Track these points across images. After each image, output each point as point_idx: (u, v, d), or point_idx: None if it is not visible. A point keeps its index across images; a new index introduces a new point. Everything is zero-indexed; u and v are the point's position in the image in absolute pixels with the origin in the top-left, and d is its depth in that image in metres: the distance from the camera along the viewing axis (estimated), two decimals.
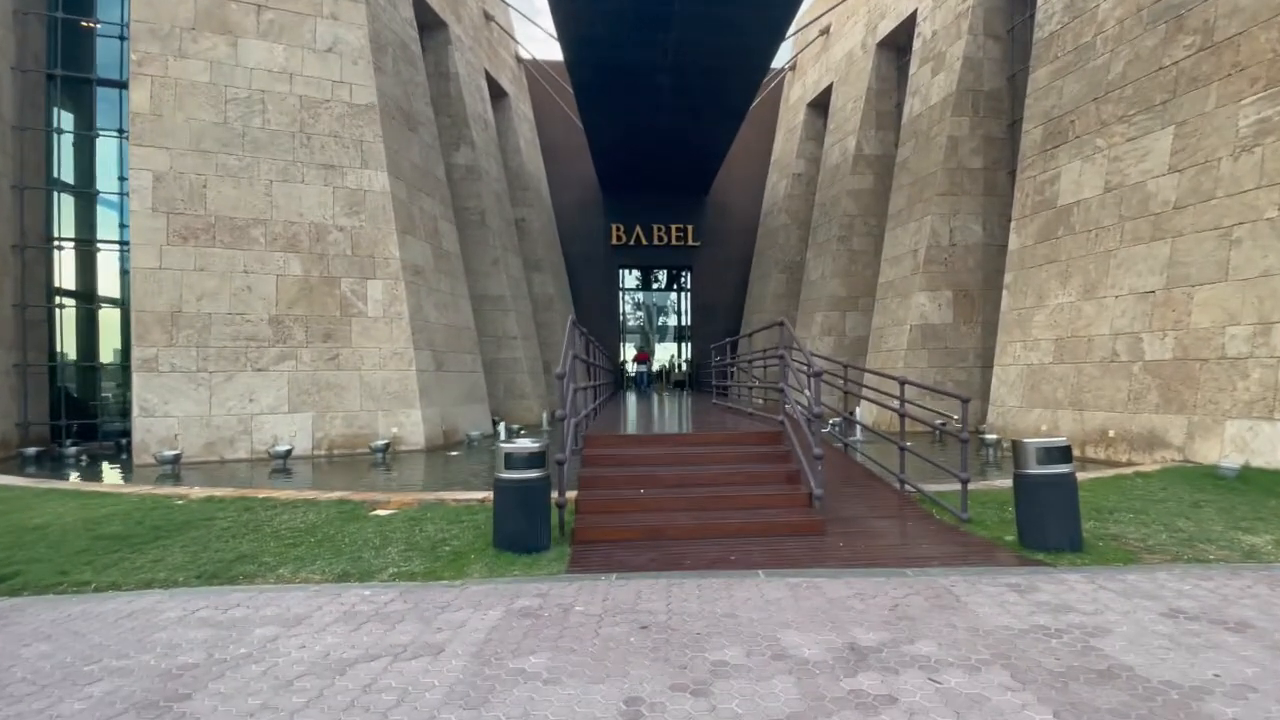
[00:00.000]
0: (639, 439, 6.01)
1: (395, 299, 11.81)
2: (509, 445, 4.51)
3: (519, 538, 4.44)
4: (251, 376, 10.79)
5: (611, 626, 3.26)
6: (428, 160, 14.10)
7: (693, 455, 5.82)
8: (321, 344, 11.26)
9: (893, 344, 14.35)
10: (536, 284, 20.50)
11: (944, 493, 6.40)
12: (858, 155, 17.73)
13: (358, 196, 11.86)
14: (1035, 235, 11.16)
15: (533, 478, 4.48)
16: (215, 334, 10.70)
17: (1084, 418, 9.56)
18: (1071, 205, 10.51)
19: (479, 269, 16.62)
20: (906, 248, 14.64)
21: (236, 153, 11.23)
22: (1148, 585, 3.75)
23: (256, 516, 5.71)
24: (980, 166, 14.06)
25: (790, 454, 5.84)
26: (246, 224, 11.12)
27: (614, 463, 5.71)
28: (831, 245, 17.99)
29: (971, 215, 14.00)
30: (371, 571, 4.29)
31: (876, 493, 6.31)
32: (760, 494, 5.28)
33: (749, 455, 5.84)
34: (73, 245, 13.56)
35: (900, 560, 4.30)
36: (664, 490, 5.36)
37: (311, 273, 11.39)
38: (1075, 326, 9.99)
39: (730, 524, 4.88)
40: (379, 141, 12.11)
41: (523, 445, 4.54)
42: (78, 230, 13.64)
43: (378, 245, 11.87)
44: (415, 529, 5.22)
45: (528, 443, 4.58)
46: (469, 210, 16.64)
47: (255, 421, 10.71)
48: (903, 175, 15.39)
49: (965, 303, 13.93)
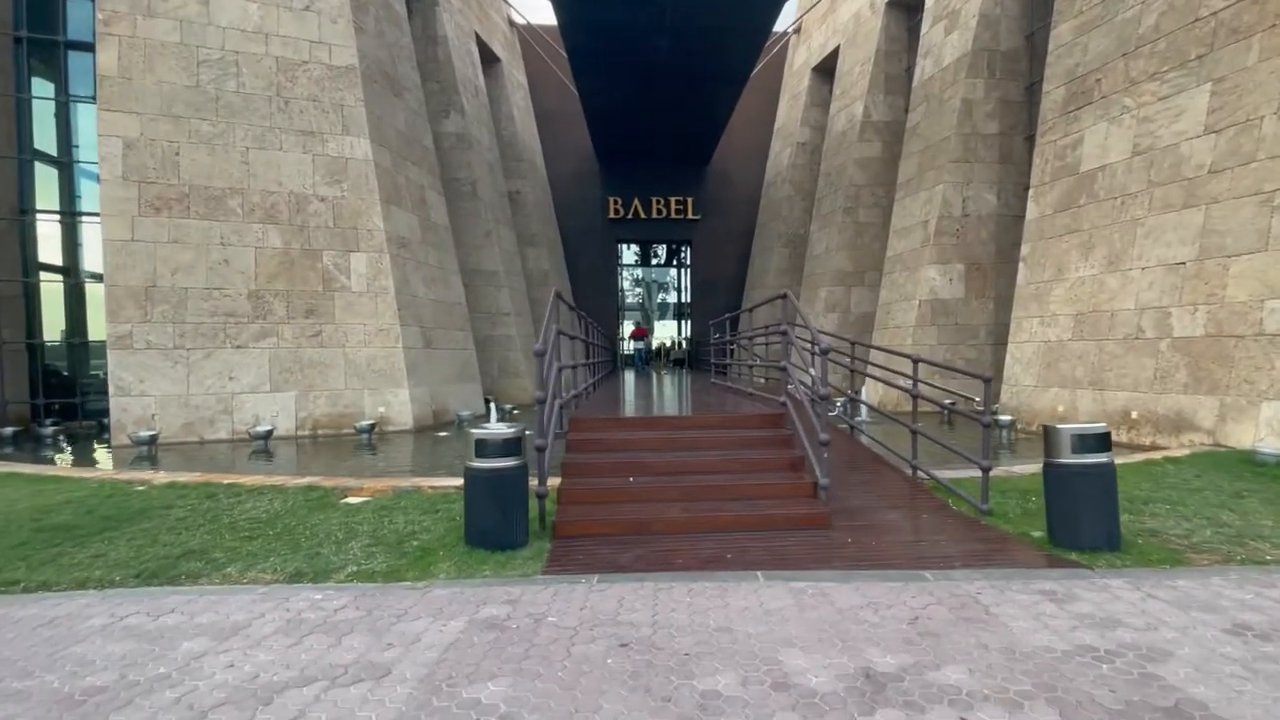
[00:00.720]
0: (629, 422, 5.54)
1: (380, 273, 11.29)
2: (481, 431, 4.04)
3: (492, 533, 3.99)
4: (231, 354, 10.33)
5: (587, 644, 2.81)
6: (414, 127, 13.46)
7: (687, 440, 5.35)
8: (303, 320, 10.78)
9: (900, 320, 13.81)
10: (531, 259, 19.93)
11: (960, 480, 5.95)
12: (865, 121, 17.00)
13: (339, 165, 11.28)
14: (1055, 204, 10.55)
15: (508, 467, 4.02)
16: (192, 309, 10.22)
17: (1105, 398, 9.06)
18: (1095, 171, 9.88)
19: (470, 243, 16.04)
20: (916, 219, 14.02)
21: (210, 118, 10.64)
22: (1203, 593, 3.29)
23: (217, 505, 5.28)
24: (995, 132, 13.37)
25: (793, 438, 5.38)
26: (222, 193, 10.57)
27: (601, 448, 5.26)
28: (837, 217, 17.35)
29: (985, 184, 13.34)
30: (328, 570, 3.85)
31: (886, 480, 5.85)
32: (760, 483, 4.82)
33: (748, 440, 5.37)
34: (54, 218, 13.05)
35: (917, 560, 3.85)
36: (655, 479, 4.90)
37: (292, 245, 10.86)
38: (1097, 301, 9.44)
39: (726, 517, 4.42)
40: (360, 106, 11.49)
41: (496, 430, 4.07)
42: (60, 202, 13.10)
43: (361, 216, 11.31)
44: (384, 520, 4.79)
45: (502, 427, 4.11)
46: (459, 181, 16.01)
47: (235, 401, 10.27)
48: (913, 142, 14.70)
49: (978, 276, 13.35)
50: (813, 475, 4.78)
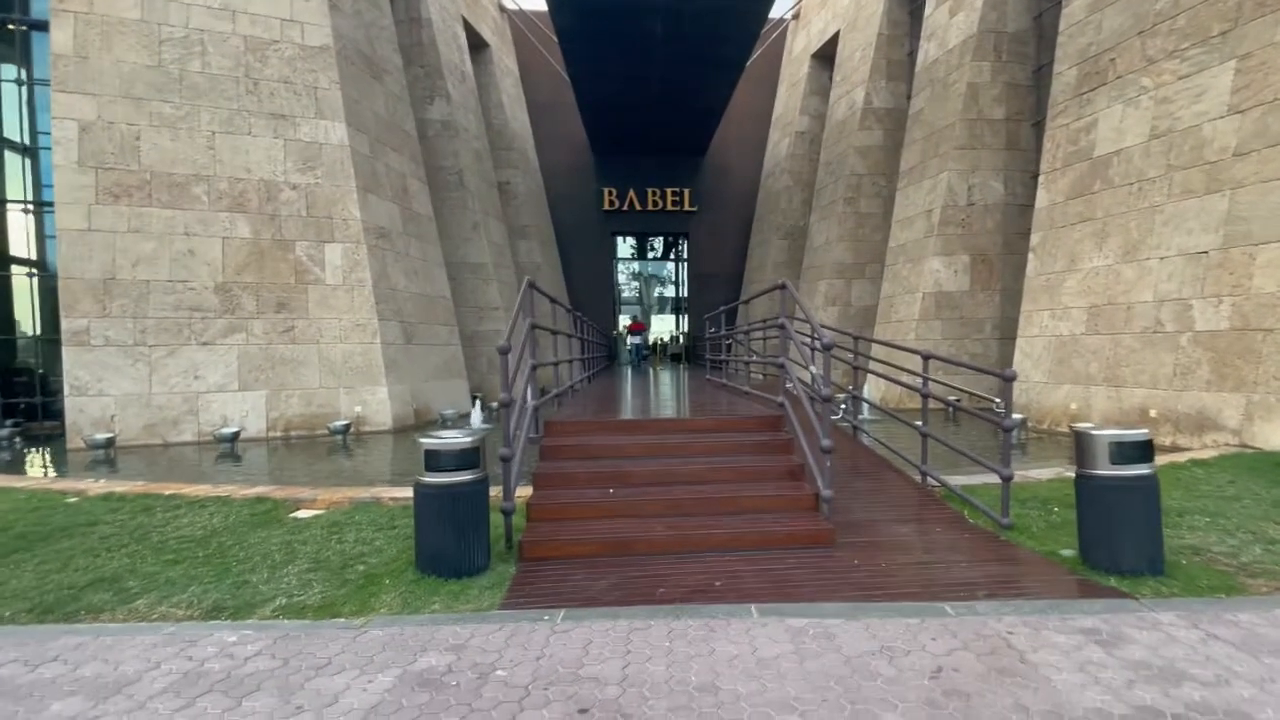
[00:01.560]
0: (611, 425, 5.03)
1: (357, 264, 10.72)
2: (432, 439, 3.51)
3: (446, 559, 3.47)
4: (196, 351, 9.77)
5: (539, 709, 2.29)
6: (395, 112, 12.87)
7: (675, 445, 4.83)
8: (274, 315, 10.22)
9: (903, 314, 13.29)
10: (523, 251, 19.36)
11: (974, 487, 5.45)
12: (866, 108, 16.43)
13: (312, 150, 10.69)
14: (1067, 190, 10.02)
15: (464, 481, 3.49)
16: (154, 304, 9.65)
17: (1121, 395, 8.56)
18: (1110, 155, 9.35)
19: (457, 234, 15.47)
20: (920, 208, 13.48)
21: (173, 100, 10.04)
22: (1273, 632, 2.79)
23: (150, 521, 4.75)
24: (1002, 117, 12.82)
25: (792, 443, 4.86)
26: (186, 180, 9.99)
27: (579, 455, 4.73)
28: (837, 207, 16.80)
29: (992, 171, 12.81)
30: (253, 604, 3.33)
31: (893, 487, 5.34)
32: (755, 495, 4.30)
33: (742, 445, 4.85)
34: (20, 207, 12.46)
35: (934, 588, 3.34)
36: (638, 490, 4.38)
37: (262, 235, 10.29)
38: (1113, 293, 8.93)
39: (717, 535, 3.90)
40: (335, 88, 10.90)
41: (450, 439, 3.53)
42: (28, 191, 12.49)
43: (336, 205, 10.74)
44: (333, 539, 4.26)
45: (457, 435, 3.57)
46: (445, 170, 15.43)
47: (201, 400, 9.72)
48: (916, 128, 14.15)
49: (983, 268, 12.83)
50: (814, 485, 4.26)
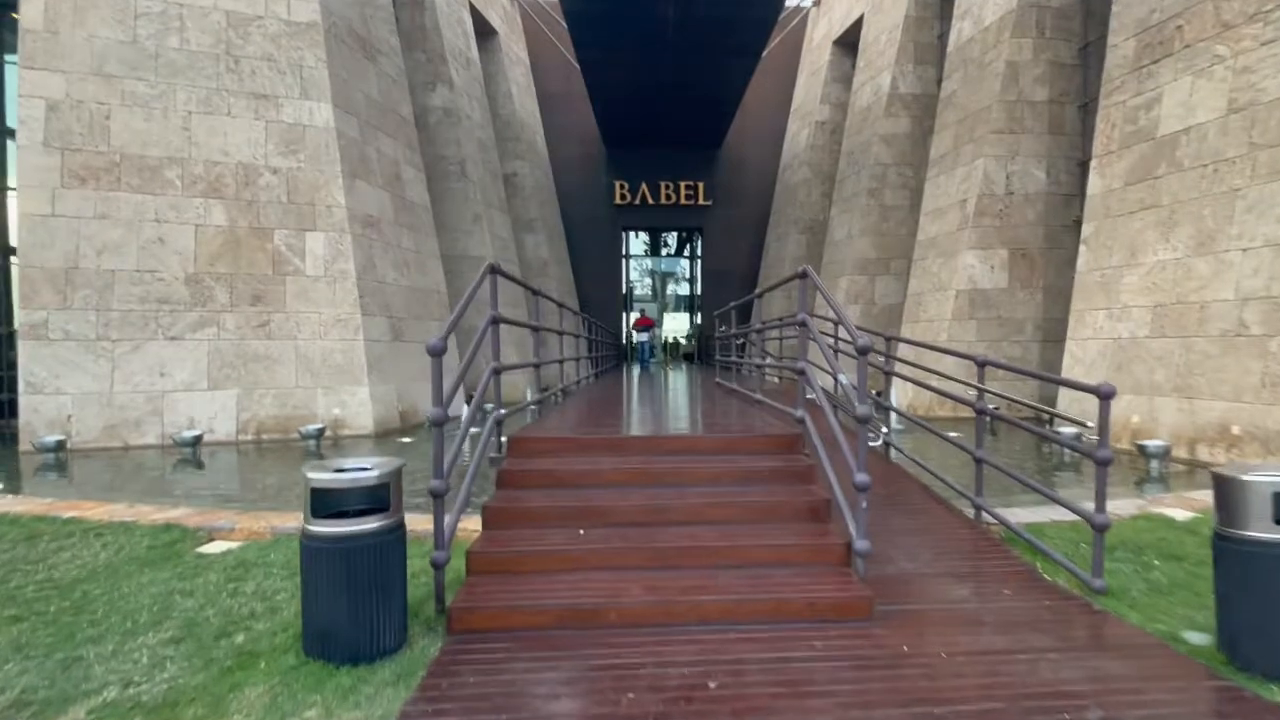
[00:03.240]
0: (589, 443, 4.10)
1: (340, 255, 9.91)
2: (320, 473, 2.60)
3: (338, 638, 2.56)
4: (163, 346, 9.02)
5: None
6: (390, 96, 12.06)
7: (668, 471, 3.88)
8: (249, 308, 9.44)
9: (933, 313, 12.20)
10: (529, 246, 18.52)
11: (1040, 526, 4.46)
12: (892, 94, 15.32)
13: (295, 132, 9.90)
14: (1125, 175, 8.90)
15: (368, 531, 2.59)
16: (120, 295, 8.91)
17: (1195, 408, 7.44)
18: (1178, 134, 8.23)
19: (457, 226, 14.65)
20: (953, 198, 12.37)
21: (148, 78, 9.30)
22: None
23: (25, 554, 3.91)
24: (1045, 99, 11.68)
25: (813, 470, 3.89)
26: (159, 163, 9.25)
27: (547, 482, 3.80)
28: (860, 199, 15.71)
29: (1033, 158, 11.67)
30: (70, 697, 2.44)
31: (940, 525, 4.34)
32: (767, 543, 3.34)
33: (752, 472, 3.89)
34: None
35: (1022, 698, 2.35)
36: (616, 531, 3.44)
37: (238, 223, 9.52)
38: (1183, 290, 7.81)
39: (714, 602, 2.95)
40: (323, 67, 10.10)
41: (349, 470, 2.63)
42: None
43: (319, 191, 9.94)
44: (227, 588, 3.38)
45: (360, 466, 2.66)
46: (446, 159, 14.61)
47: (167, 400, 8.96)
48: (948, 112, 13.03)
49: (1023, 264, 11.70)
50: (843, 531, 3.30)
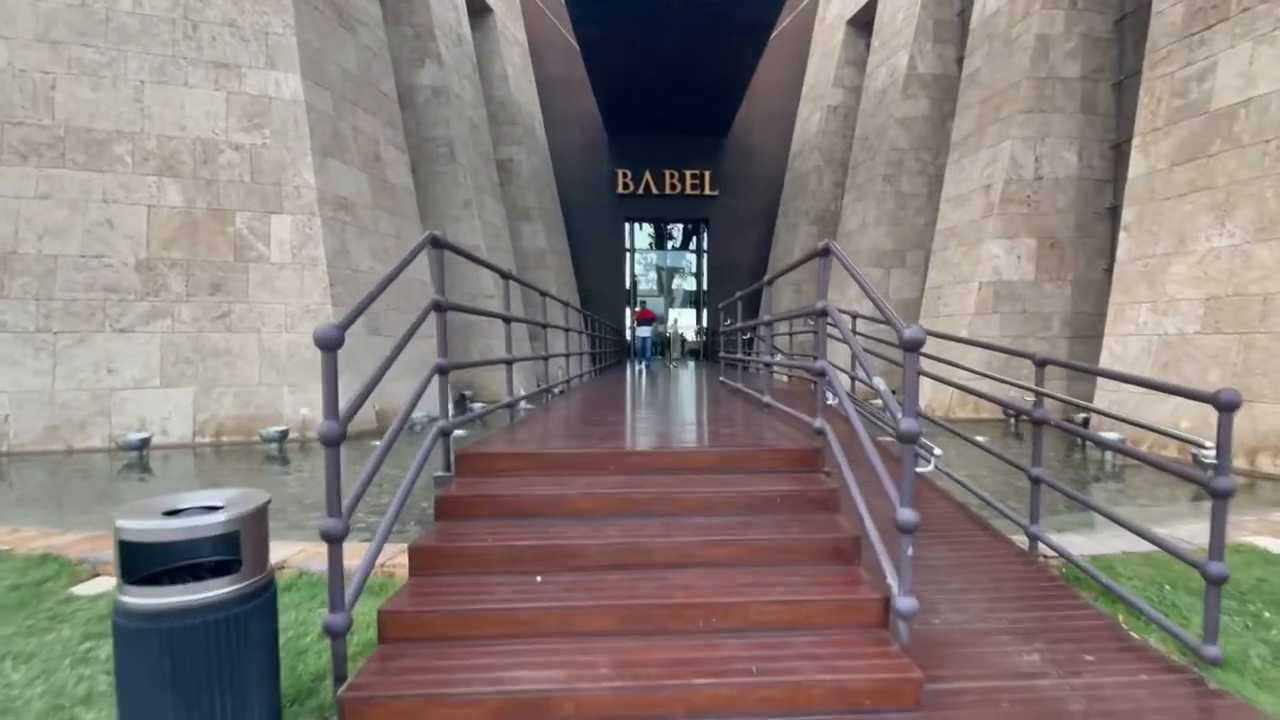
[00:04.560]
0: (557, 460, 3.30)
1: (309, 240, 9.12)
2: (133, 519, 1.79)
3: None
4: (111, 339, 8.25)
5: None
6: (369, 70, 11.24)
7: (654, 496, 3.08)
8: (207, 297, 8.66)
9: (954, 307, 11.35)
10: (526, 236, 17.70)
11: (1108, 560, 3.67)
12: (910, 75, 14.42)
13: (260, 105, 9.10)
14: (1173, 154, 8.03)
15: (209, 602, 1.79)
16: (63, 283, 8.14)
17: (1254, 412, 6.60)
18: (1235, 107, 7.36)
19: (445, 212, 13.83)
20: (976, 183, 11.50)
21: (97, 44, 8.51)
22: None
23: None
24: (1077, 75, 10.79)
25: (837, 495, 3.08)
26: (108, 138, 8.46)
27: (499, 510, 3.00)
28: (875, 187, 14.84)
29: (1064, 139, 10.79)
30: None
31: (987, 558, 3.53)
32: (780, 597, 2.54)
33: (761, 498, 3.08)
34: None
35: None
36: (584, 579, 2.65)
37: (196, 204, 8.73)
38: (1241, 280, 6.96)
39: (712, 687, 2.15)
40: (291, 35, 9.29)
41: (182, 514, 1.83)
42: None
43: (286, 170, 9.14)
44: (82, 650, 2.60)
45: (203, 505, 1.86)
46: (434, 141, 13.79)
47: (115, 398, 8.19)
48: (972, 91, 12.15)
49: (1052, 254, 10.83)
50: (877, 579, 2.50)
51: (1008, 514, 3.93)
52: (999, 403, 4.08)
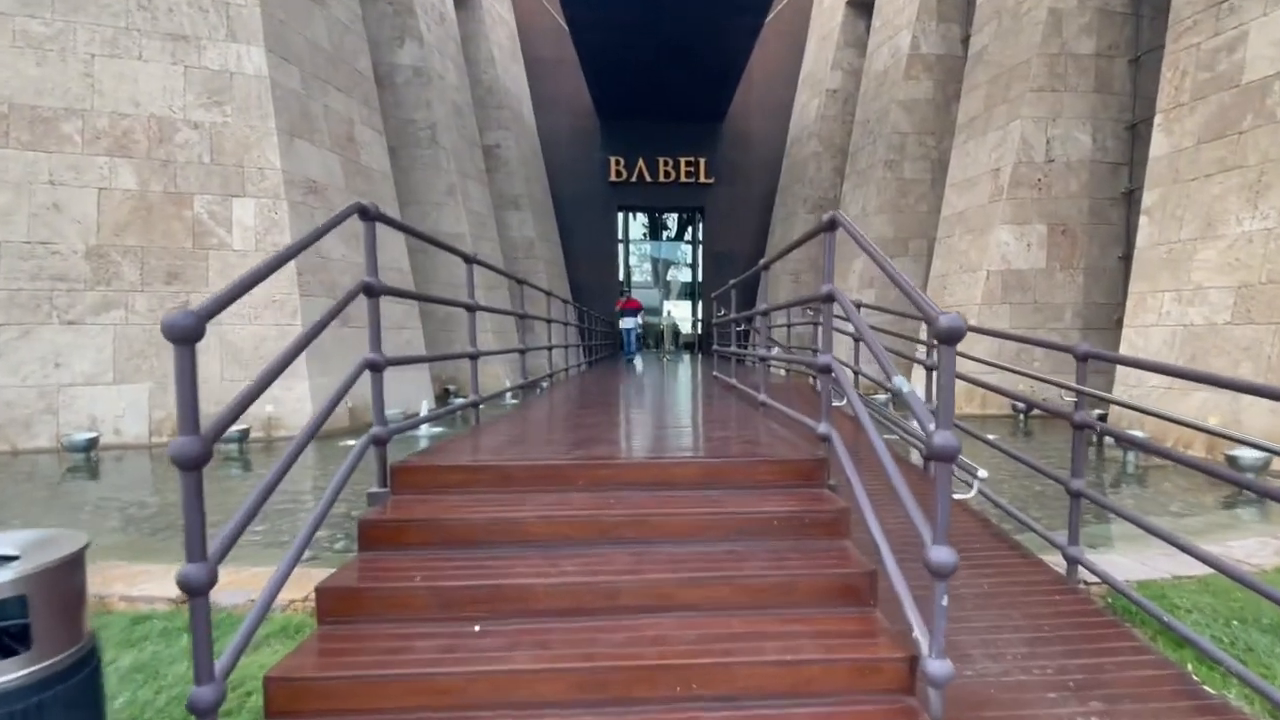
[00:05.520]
0: (511, 473, 2.76)
1: (274, 225, 8.54)
2: None
3: None
4: (59, 332, 7.68)
5: None
6: (342, 45, 10.62)
7: (626, 518, 2.55)
8: (164, 287, 8.09)
9: (960, 297, 10.82)
10: (513, 225, 17.10)
11: (1158, 586, 3.18)
12: (913, 54, 13.83)
13: (221, 81, 8.50)
14: (1200, 131, 7.49)
15: None
16: (6, 271, 7.56)
17: None
18: (1270, 80, 6.82)
19: (427, 199, 13.24)
20: (984, 166, 10.95)
21: (43, 15, 7.90)
22: None
23: None
24: (1091, 52, 10.23)
25: (845, 517, 2.56)
26: (56, 116, 7.86)
27: (435, 539, 2.47)
28: (876, 172, 14.27)
29: (1077, 120, 10.24)
30: None
31: (1020, 586, 3.01)
32: (778, 656, 2.01)
33: (754, 520, 2.56)
34: None
35: None
36: (533, 629, 2.12)
37: (150, 186, 8.15)
38: (1276, 266, 6.44)
39: None
40: (254, 5, 8.67)
41: None
42: None
43: (250, 150, 8.55)
44: None
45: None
46: (415, 124, 13.18)
47: (64, 395, 7.64)
48: (979, 70, 11.58)
49: (1064, 241, 10.30)
50: (899, 629, 1.98)
51: (1044, 534, 3.40)
52: (1014, 397, 3.56)
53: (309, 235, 2.35)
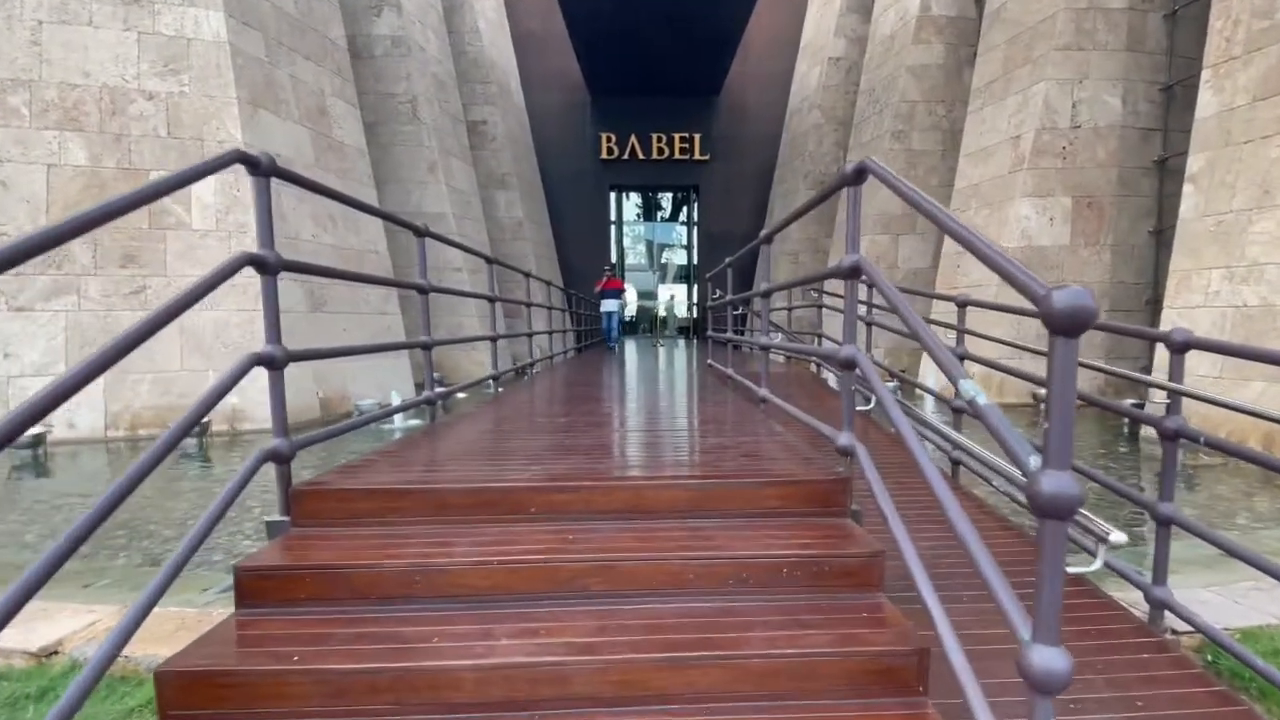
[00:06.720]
0: (445, 499, 2.16)
1: (236, 203, 7.89)
2: None
3: None
4: (8, 319, 7.09)
5: None
6: (312, 11, 9.87)
7: (585, 566, 1.94)
8: (119, 270, 7.48)
9: (977, 276, 10.12)
10: (501, 205, 16.39)
11: (1253, 633, 2.56)
12: (923, 16, 12.99)
13: (177, 48, 7.80)
14: (1255, 87, 6.76)
15: None
16: None
17: None
18: None
19: (409, 176, 12.54)
20: (1002, 134, 10.21)
21: None
22: None
23: None
24: (1123, 5, 9.43)
25: (877, 565, 1.93)
26: (1, 87, 7.20)
27: (334, 593, 1.87)
28: (883, 143, 13.50)
29: (1106, 82, 9.47)
30: None
31: (1098, 635, 2.42)
32: None
33: (755, 571, 1.95)
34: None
35: None
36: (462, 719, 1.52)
37: (103, 162, 7.50)
38: None
39: None
40: None
41: None
42: None
43: (209, 122, 7.87)
44: None
45: None
46: (394, 97, 12.44)
47: (13, 387, 7.05)
48: (997, 30, 10.77)
49: (1090, 215, 9.59)
50: None
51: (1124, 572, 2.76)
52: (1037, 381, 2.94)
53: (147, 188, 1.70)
